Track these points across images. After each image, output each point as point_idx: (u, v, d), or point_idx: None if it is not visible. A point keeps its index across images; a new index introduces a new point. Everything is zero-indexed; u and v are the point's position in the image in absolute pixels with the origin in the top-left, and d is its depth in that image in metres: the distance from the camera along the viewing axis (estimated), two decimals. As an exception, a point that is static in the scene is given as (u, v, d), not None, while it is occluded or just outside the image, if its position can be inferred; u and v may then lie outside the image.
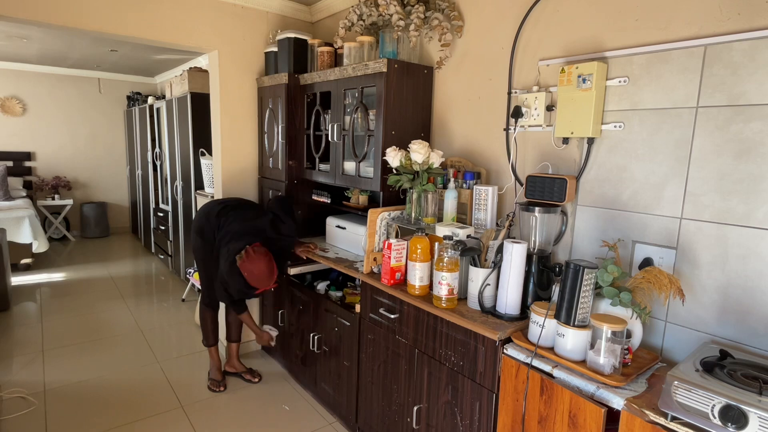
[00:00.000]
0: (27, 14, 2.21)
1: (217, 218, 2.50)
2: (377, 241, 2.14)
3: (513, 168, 1.97)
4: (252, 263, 2.22)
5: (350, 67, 2.28)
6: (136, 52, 5.07)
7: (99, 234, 6.60)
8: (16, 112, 6.09)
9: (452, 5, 2.14)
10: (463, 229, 1.80)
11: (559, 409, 1.35)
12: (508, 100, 1.95)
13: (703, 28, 1.39)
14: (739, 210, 1.34)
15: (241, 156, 3.02)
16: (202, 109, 4.13)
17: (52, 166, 6.43)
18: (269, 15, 3.00)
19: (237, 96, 2.95)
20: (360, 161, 2.31)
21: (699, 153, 1.41)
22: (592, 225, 1.70)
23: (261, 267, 2.22)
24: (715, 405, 1.04)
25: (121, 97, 6.84)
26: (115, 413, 2.46)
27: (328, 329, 2.41)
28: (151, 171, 5.53)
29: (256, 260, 2.22)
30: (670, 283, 1.38)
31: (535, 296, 1.67)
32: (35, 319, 3.66)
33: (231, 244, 2.31)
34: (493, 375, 1.55)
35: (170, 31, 2.62)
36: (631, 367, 1.36)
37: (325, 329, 2.43)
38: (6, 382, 2.73)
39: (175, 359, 3.09)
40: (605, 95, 1.62)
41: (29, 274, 4.84)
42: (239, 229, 2.37)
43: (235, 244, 2.29)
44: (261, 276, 2.23)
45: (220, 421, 2.43)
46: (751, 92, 1.30)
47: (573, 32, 1.72)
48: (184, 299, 4.23)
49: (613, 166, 1.63)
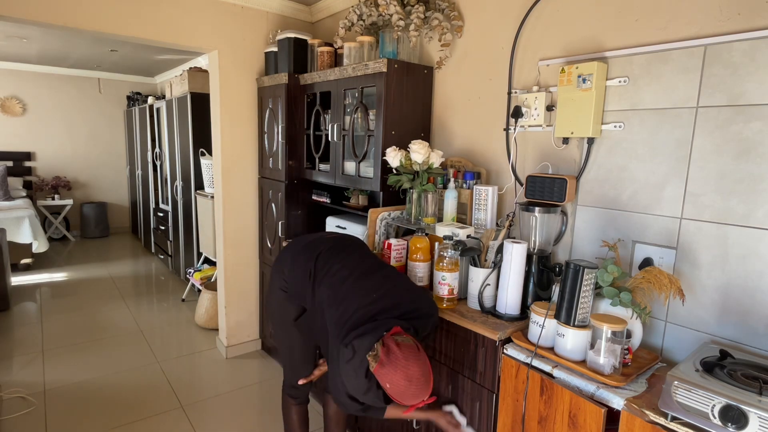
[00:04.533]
0: (27, 14, 2.21)
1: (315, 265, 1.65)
2: (377, 241, 2.14)
3: (513, 168, 1.97)
4: (397, 369, 1.32)
5: (350, 67, 2.28)
6: (136, 52, 5.07)
7: (99, 234, 6.60)
8: (16, 112, 6.09)
9: (452, 5, 2.14)
10: (463, 229, 1.80)
11: (559, 409, 1.35)
12: (508, 100, 1.95)
13: (703, 28, 1.39)
14: (739, 210, 1.34)
15: (241, 156, 3.02)
16: (202, 109, 4.13)
17: (52, 166, 6.43)
18: (269, 15, 3.00)
19: (237, 96, 2.95)
20: (360, 161, 2.31)
21: (699, 153, 1.41)
22: (592, 225, 1.70)
23: (411, 370, 1.32)
24: (715, 405, 1.04)
25: (121, 97, 6.84)
26: (115, 413, 2.46)
27: (328, 329, 2.40)
28: (151, 171, 5.53)
29: (404, 361, 1.32)
30: (670, 283, 1.37)
31: (535, 296, 1.67)
32: (35, 319, 3.65)
33: (355, 341, 1.38)
34: (493, 375, 1.55)
35: (170, 31, 2.61)
36: (631, 367, 1.36)
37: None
38: (6, 382, 2.73)
39: (175, 359, 3.08)
40: (605, 95, 1.62)
41: (29, 274, 4.84)
42: (363, 306, 1.46)
43: (363, 340, 1.38)
44: (412, 387, 1.33)
45: (221, 421, 2.43)
46: (751, 92, 1.30)
47: (573, 32, 1.72)
48: (184, 299, 4.23)
49: (613, 166, 1.62)
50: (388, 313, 1.45)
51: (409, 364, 1.32)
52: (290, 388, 1.89)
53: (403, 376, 1.31)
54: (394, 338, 1.36)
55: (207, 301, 3.56)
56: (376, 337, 1.37)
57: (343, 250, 1.66)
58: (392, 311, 1.46)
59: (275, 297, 1.77)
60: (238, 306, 3.14)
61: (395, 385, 1.32)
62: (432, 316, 1.55)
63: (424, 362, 1.35)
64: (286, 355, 1.84)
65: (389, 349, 1.33)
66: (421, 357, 1.35)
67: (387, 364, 1.32)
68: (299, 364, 1.82)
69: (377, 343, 1.35)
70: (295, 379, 1.84)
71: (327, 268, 1.60)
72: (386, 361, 1.32)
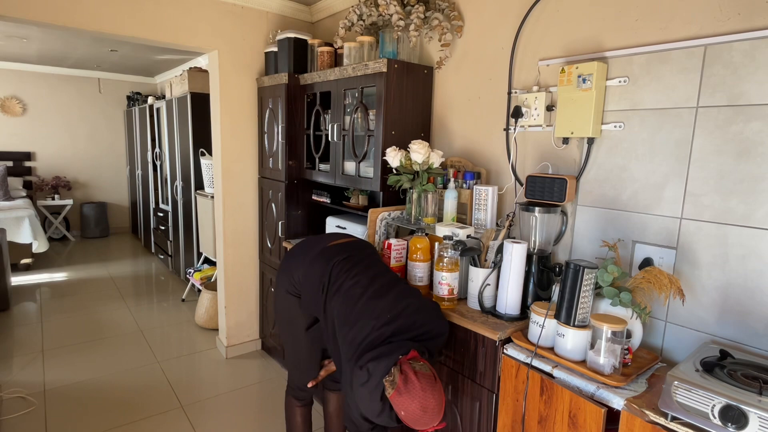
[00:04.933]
0: (27, 14, 2.21)
1: (329, 279, 1.62)
2: (377, 241, 2.14)
3: (513, 168, 1.97)
4: (414, 399, 1.29)
5: (350, 67, 2.28)
6: (136, 52, 5.07)
7: (99, 234, 6.60)
8: (16, 112, 6.09)
9: (452, 5, 2.14)
10: (463, 229, 1.80)
11: (559, 410, 1.35)
12: (508, 100, 1.95)
13: (703, 28, 1.39)
14: (739, 210, 1.34)
15: (241, 156, 3.02)
16: (202, 109, 4.13)
17: (52, 166, 6.43)
18: (269, 15, 3.00)
19: (237, 96, 2.95)
20: (360, 161, 2.31)
21: (699, 153, 1.41)
22: (592, 225, 1.70)
23: (428, 401, 1.30)
24: (715, 405, 1.04)
25: (121, 97, 6.84)
26: (115, 413, 2.46)
27: (328, 329, 2.40)
28: (151, 171, 5.53)
29: (421, 391, 1.30)
30: (670, 283, 1.37)
31: (535, 296, 1.67)
32: (35, 319, 3.65)
33: (370, 364, 1.36)
34: (493, 375, 1.55)
35: (170, 31, 2.61)
36: (631, 367, 1.36)
37: (325, 329, 2.42)
38: (6, 382, 2.73)
39: (175, 359, 3.08)
40: (605, 95, 1.62)
41: (29, 274, 4.84)
42: (377, 328, 1.43)
43: (379, 363, 1.35)
44: (426, 416, 1.32)
45: (221, 421, 2.43)
46: (751, 92, 1.30)
47: (573, 32, 1.72)
48: (184, 299, 4.23)
49: (613, 166, 1.62)
50: (402, 335, 1.44)
51: (426, 396, 1.30)
52: (296, 390, 1.87)
53: (419, 407, 1.30)
54: (411, 365, 1.33)
55: (207, 301, 3.56)
56: (393, 361, 1.34)
57: (357, 264, 1.63)
58: (406, 333, 1.45)
59: (284, 300, 1.75)
60: (238, 306, 3.14)
61: (410, 413, 1.31)
62: (443, 335, 1.55)
63: (440, 393, 1.34)
64: (293, 358, 1.82)
65: (407, 378, 1.30)
66: (437, 388, 1.34)
67: (404, 392, 1.30)
68: (306, 367, 1.81)
69: (394, 367, 1.33)
70: (302, 381, 1.83)
71: (339, 283, 1.58)
72: (404, 389, 1.30)
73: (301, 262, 1.72)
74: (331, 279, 1.61)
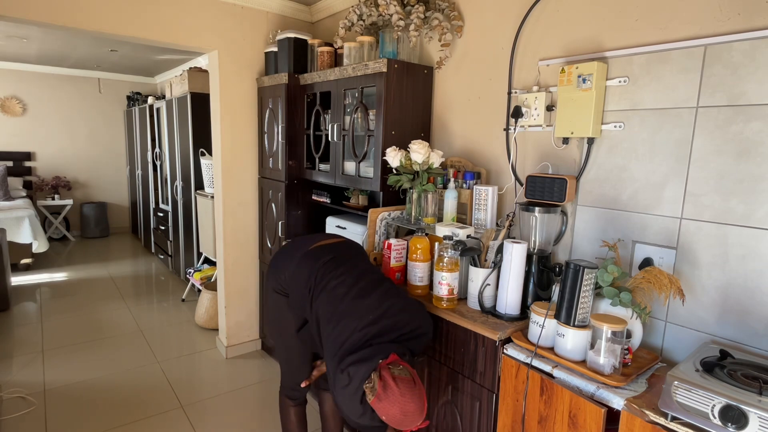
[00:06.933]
0: (27, 14, 2.21)
1: (315, 279, 1.62)
2: (377, 241, 2.14)
3: (513, 168, 1.97)
4: (393, 404, 1.32)
5: (350, 67, 2.28)
6: (136, 52, 5.07)
7: (99, 234, 6.60)
8: (16, 112, 6.09)
9: (452, 5, 2.14)
10: (463, 229, 1.80)
11: (559, 410, 1.35)
12: (508, 100, 1.95)
13: (703, 28, 1.39)
14: (739, 210, 1.34)
15: (241, 156, 3.02)
16: (202, 109, 4.13)
17: (52, 166, 6.43)
18: (269, 15, 3.00)
19: (237, 96, 2.95)
20: (360, 161, 2.31)
21: (699, 153, 1.41)
22: (592, 225, 1.70)
23: (408, 406, 1.33)
24: (715, 405, 1.04)
25: (121, 97, 6.84)
26: (115, 413, 2.46)
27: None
28: (151, 171, 5.53)
29: (400, 397, 1.32)
30: (670, 283, 1.37)
31: (535, 296, 1.67)
32: (35, 319, 3.65)
33: (351, 368, 1.38)
34: (493, 375, 1.55)
35: (170, 32, 2.61)
36: (631, 367, 1.36)
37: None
38: (6, 382, 2.73)
39: (175, 359, 3.08)
40: (605, 95, 1.62)
41: (29, 274, 4.84)
42: (359, 329, 1.45)
43: (359, 368, 1.37)
44: (407, 419, 1.34)
45: (220, 421, 2.43)
46: (751, 92, 1.30)
47: (573, 32, 1.72)
48: (184, 299, 4.23)
49: (613, 166, 1.62)
50: (384, 337, 1.45)
51: (405, 401, 1.32)
52: (289, 390, 1.87)
53: (400, 411, 1.32)
54: (390, 370, 1.35)
55: (207, 301, 3.56)
56: (373, 366, 1.36)
57: (343, 263, 1.64)
58: (389, 334, 1.46)
59: (272, 299, 1.77)
60: (237, 306, 3.14)
61: (391, 417, 1.33)
62: (427, 334, 1.56)
63: (419, 396, 1.35)
64: (284, 359, 1.83)
65: (386, 384, 1.32)
66: (416, 391, 1.35)
67: (384, 398, 1.32)
68: (298, 367, 1.82)
69: (374, 372, 1.35)
70: (295, 381, 1.83)
71: (325, 282, 1.59)
72: (383, 395, 1.32)
73: (289, 262, 1.72)
74: (317, 280, 1.61)
